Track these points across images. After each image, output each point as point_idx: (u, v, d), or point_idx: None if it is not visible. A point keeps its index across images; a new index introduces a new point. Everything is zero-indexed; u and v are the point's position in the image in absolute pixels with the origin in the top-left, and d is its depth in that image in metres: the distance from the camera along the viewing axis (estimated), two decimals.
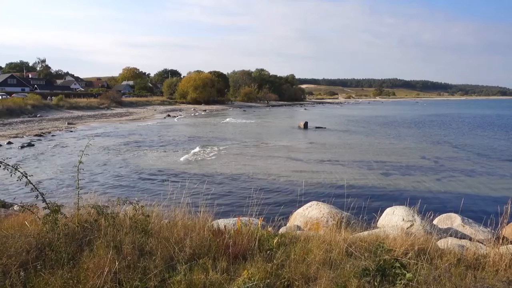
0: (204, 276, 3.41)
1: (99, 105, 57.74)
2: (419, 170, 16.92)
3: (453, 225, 7.30)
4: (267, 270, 3.56)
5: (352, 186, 13.34)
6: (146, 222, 4.31)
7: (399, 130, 37.26)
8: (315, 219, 7.08)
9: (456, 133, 34.10)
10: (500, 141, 28.55)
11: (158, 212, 4.95)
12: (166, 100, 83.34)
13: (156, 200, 5.74)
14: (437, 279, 3.41)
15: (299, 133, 33.67)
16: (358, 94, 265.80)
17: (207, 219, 4.78)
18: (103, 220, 4.20)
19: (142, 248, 3.92)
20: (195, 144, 24.61)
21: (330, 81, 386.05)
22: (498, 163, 18.88)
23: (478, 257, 4.05)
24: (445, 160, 19.63)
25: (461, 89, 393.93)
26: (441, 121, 49.97)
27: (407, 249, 4.08)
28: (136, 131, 32.19)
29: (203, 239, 4.14)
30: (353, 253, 4.04)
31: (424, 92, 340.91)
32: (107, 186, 13.26)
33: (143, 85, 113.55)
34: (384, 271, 3.61)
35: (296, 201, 8.51)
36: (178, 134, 30.64)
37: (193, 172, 15.73)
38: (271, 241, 4.26)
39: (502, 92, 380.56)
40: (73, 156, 18.65)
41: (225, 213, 8.05)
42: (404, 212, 7.00)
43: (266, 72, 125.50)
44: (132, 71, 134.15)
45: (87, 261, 3.53)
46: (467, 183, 14.60)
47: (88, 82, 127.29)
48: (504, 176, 15.89)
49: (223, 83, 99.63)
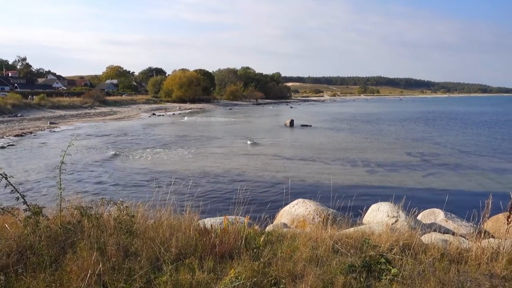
0: (190, 276, 3.38)
1: (82, 104, 56.68)
2: (403, 166, 17.20)
3: (437, 220, 7.44)
4: (254, 268, 3.55)
5: (338, 183, 13.46)
6: (131, 223, 4.24)
7: (384, 127, 37.78)
8: (301, 216, 7.12)
9: (439, 130, 34.77)
10: (481, 137, 29.25)
11: (143, 212, 4.88)
12: (151, 99, 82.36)
13: (141, 200, 5.66)
14: (422, 273, 3.46)
15: (285, 131, 33.78)
16: (343, 92, 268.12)
17: (193, 219, 4.73)
18: (87, 222, 4.11)
19: (127, 249, 3.85)
20: (181, 143, 24.43)
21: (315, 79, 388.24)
22: (479, 159, 19.34)
23: (461, 251, 4.13)
24: (429, 156, 19.99)
25: (444, 86, 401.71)
26: (425, 118, 50.86)
27: (392, 244, 4.13)
28: (120, 131, 31.74)
29: (189, 238, 4.10)
30: (339, 250, 4.06)
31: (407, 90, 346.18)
32: (90, 187, 13.05)
33: (128, 83, 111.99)
34: (370, 267, 3.65)
35: (282, 199, 8.54)
36: (163, 133, 30.35)
37: (179, 171, 15.61)
38: (257, 240, 4.25)
39: (482, 89, 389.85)
40: (56, 156, 18.28)
41: (212, 212, 8.01)
42: (389, 208, 7.10)
43: (252, 70, 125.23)
44: (116, 69, 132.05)
45: (70, 263, 3.45)
46: (450, 178, 14.91)
47: (71, 81, 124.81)
48: (485, 171, 16.28)
49: (209, 81, 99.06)
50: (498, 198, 5.29)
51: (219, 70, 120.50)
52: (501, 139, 27.81)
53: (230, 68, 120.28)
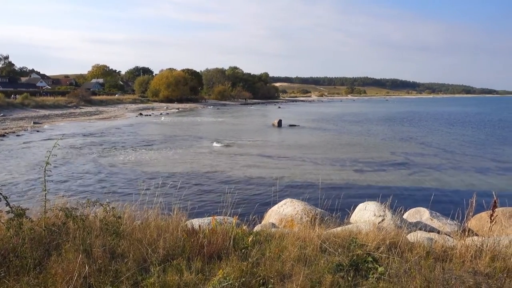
0: (178, 277, 3.35)
1: (67, 104, 55.73)
2: (390, 166, 17.42)
3: (422, 219, 7.56)
4: (242, 268, 3.55)
5: (325, 182, 13.55)
6: (118, 224, 4.19)
7: (371, 127, 38.19)
8: (289, 216, 7.14)
9: (425, 130, 35.33)
10: (465, 137, 29.83)
11: (130, 213, 4.83)
12: (138, 99, 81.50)
13: (128, 201, 5.60)
14: (408, 272, 3.50)
15: (273, 131, 33.85)
16: (330, 92, 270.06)
17: (181, 219, 4.70)
18: (72, 223, 4.04)
19: (113, 250, 3.81)
20: (168, 143, 24.25)
21: (303, 79, 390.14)
22: (463, 158, 19.72)
23: (446, 249, 4.20)
24: (414, 156, 20.30)
25: (429, 87, 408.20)
26: (411, 118, 51.62)
27: (379, 243, 4.18)
28: (106, 131, 31.34)
29: (177, 239, 4.07)
30: (327, 249, 4.09)
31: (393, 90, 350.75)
32: (76, 188, 12.84)
33: (114, 83, 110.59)
34: (357, 266, 3.68)
35: (270, 199, 8.55)
36: (150, 133, 30.08)
37: (166, 172, 15.49)
38: (246, 240, 4.24)
39: (466, 90, 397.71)
40: (40, 156, 17.93)
41: (200, 213, 7.97)
42: (376, 207, 7.18)
43: (240, 70, 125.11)
44: (102, 68, 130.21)
45: (55, 266, 3.38)
46: (435, 177, 15.16)
47: (55, 80, 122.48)
48: (468, 171, 16.61)
49: (197, 81, 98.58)
50: (481, 196, 5.40)
51: (207, 70, 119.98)
52: (485, 139, 28.42)
53: (218, 68, 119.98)
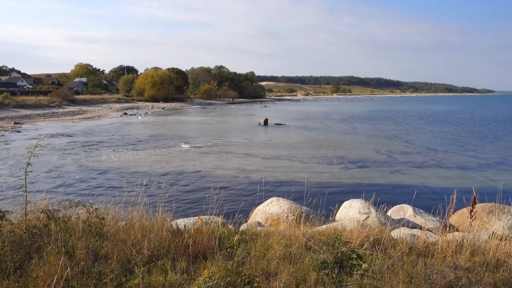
0: (163, 278, 3.33)
1: (49, 103, 54.56)
2: (374, 164, 17.65)
3: (406, 216, 7.69)
4: (227, 268, 3.55)
5: (311, 181, 13.64)
6: (101, 225, 4.14)
7: (356, 125, 38.61)
8: (275, 215, 7.16)
9: (409, 128, 35.91)
10: (447, 134, 30.45)
11: (114, 214, 4.77)
12: (122, 98, 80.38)
13: (112, 201, 5.53)
14: (391, 267, 3.56)
15: (259, 130, 33.88)
16: (316, 91, 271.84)
17: (165, 219, 4.67)
18: (54, 225, 3.98)
19: (97, 252, 3.76)
20: (153, 142, 24.02)
21: (289, 78, 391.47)
22: (445, 156, 20.13)
23: (428, 245, 4.29)
24: (398, 154, 20.62)
25: (412, 86, 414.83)
26: (395, 117, 52.38)
27: (363, 240, 4.23)
28: (90, 130, 30.83)
29: (162, 240, 4.04)
30: (312, 247, 4.12)
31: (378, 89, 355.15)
32: (58, 189, 12.60)
33: (98, 82, 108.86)
34: (342, 263, 3.73)
35: (256, 198, 8.57)
36: (135, 133, 29.73)
37: (151, 172, 15.35)
38: (231, 239, 4.25)
39: (448, 89, 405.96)
40: (20, 157, 17.52)
41: (185, 213, 7.93)
42: (360, 205, 7.27)
43: (226, 69, 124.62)
44: (85, 67, 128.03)
45: (36, 269, 3.32)
46: (418, 175, 15.43)
47: (37, 79, 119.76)
48: (451, 168, 16.97)
49: (182, 80, 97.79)
50: (463, 193, 5.54)
51: (192, 69, 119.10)
52: (466, 136, 29.07)
53: (204, 67, 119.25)
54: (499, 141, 26.80)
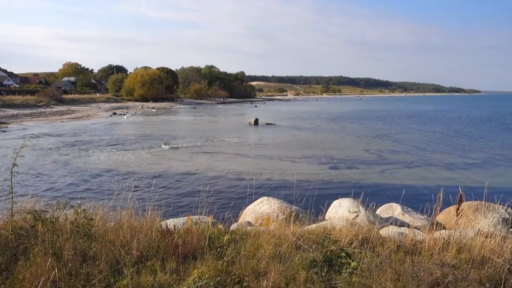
0: (152, 278, 3.32)
1: (37, 103, 53.72)
2: (363, 163, 17.80)
3: (394, 214, 7.77)
4: (217, 267, 3.55)
5: (301, 180, 13.70)
6: (89, 226, 4.09)
7: (345, 125, 38.88)
8: (265, 214, 7.18)
9: (397, 128, 36.30)
10: (435, 134, 30.86)
11: (103, 214, 4.72)
12: (111, 97, 79.59)
13: (101, 202, 5.47)
14: (379, 266, 3.60)
15: (250, 129, 33.89)
16: (306, 91, 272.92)
17: (155, 220, 4.64)
18: (41, 226, 3.92)
19: (85, 253, 3.72)
20: (143, 143, 23.84)
21: (279, 78, 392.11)
22: (433, 155, 20.41)
23: (415, 243, 4.34)
24: (387, 153, 20.83)
25: (400, 86, 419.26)
26: (384, 117, 52.88)
27: (352, 239, 4.27)
28: (79, 130, 30.46)
29: (151, 240, 4.02)
30: (301, 246, 4.14)
31: (367, 89, 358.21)
32: (46, 190, 12.43)
33: (86, 81, 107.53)
34: (331, 261, 3.75)
35: (246, 198, 8.57)
36: (124, 133, 29.47)
37: (141, 172, 15.24)
38: (221, 239, 4.24)
39: (436, 89, 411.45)
40: (6, 158, 17.22)
41: (175, 213, 7.89)
42: (350, 204, 7.33)
43: (216, 69, 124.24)
44: (73, 66, 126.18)
45: (22, 271, 3.27)
46: (407, 174, 15.62)
47: (24, 78, 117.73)
48: (438, 167, 17.21)
49: (172, 80, 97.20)
50: (450, 191, 5.62)
51: (182, 69, 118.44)
52: (453, 136, 29.50)
53: (194, 67, 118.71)
54: (485, 140, 27.28)
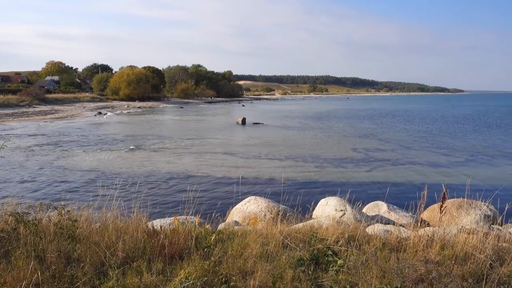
0: (138, 280, 3.28)
1: (18, 103, 52.53)
2: (350, 162, 17.97)
3: (380, 212, 7.87)
4: (204, 267, 3.53)
5: (288, 179, 13.74)
6: (73, 228, 4.03)
7: (332, 124, 39.19)
8: (253, 213, 7.18)
9: (383, 127, 36.76)
10: (420, 133, 31.36)
11: (88, 216, 4.65)
12: (96, 97, 78.42)
13: (85, 203, 5.39)
14: (365, 263, 3.64)
15: (237, 129, 33.85)
16: (293, 90, 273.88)
17: (141, 220, 4.59)
18: (23, 228, 3.84)
19: (69, 255, 3.66)
20: (129, 142, 23.57)
21: (266, 77, 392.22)
22: (418, 153, 20.74)
23: (400, 240, 4.41)
24: (373, 152, 21.08)
25: (386, 85, 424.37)
26: (370, 116, 53.47)
27: (338, 237, 4.31)
28: (62, 130, 29.92)
29: (137, 241, 3.98)
30: (288, 245, 4.16)
31: (353, 89, 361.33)
32: (28, 191, 12.17)
33: (70, 80, 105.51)
34: (318, 260, 3.78)
35: (234, 197, 8.56)
36: (110, 133, 29.07)
37: (126, 172, 15.06)
38: (208, 238, 4.23)
39: (420, 88, 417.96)
40: None
41: (162, 213, 7.83)
42: (337, 202, 7.39)
43: (203, 68, 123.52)
44: (57, 65, 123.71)
45: (4, 274, 3.20)
46: (393, 172, 15.83)
47: (5, 77, 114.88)
48: (423, 165, 17.49)
49: (158, 79, 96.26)
50: (435, 189, 5.71)
51: (169, 68, 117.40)
52: (437, 134, 30.03)
53: (181, 66, 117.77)
54: (467, 138, 27.85)
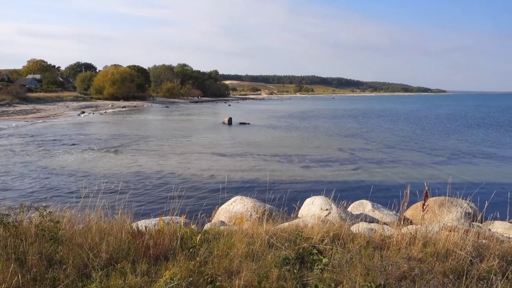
0: (122, 281, 3.24)
1: None
2: (335, 161, 18.14)
3: (365, 211, 7.97)
4: (190, 268, 3.51)
5: (274, 179, 13.80)
6: (56, 229, 3.95)
7: (318, 124, 39.48)
8: (239, 213, 7.18)
9: (368, 126, 37.22)
10: (403, 132, 31.88)
11: (70, 217, 4.57)
12: (80, 96, 77.06)
13: (68, 204, 5.30)
14: (349, 261, 3.68)
15: (223, 129, 33.77)
16: (279, 90, 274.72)
17: (125, 221, 4.54)
18: (3, 230, 3.75)
19: (51, 257, 3.59)
20: (113, 142, 23.25)
21: (253, 77, 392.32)
22: (402, 153, 21.09)
23: (384, 238, 4.47)
24: (358, 151, 21.33)
25: (371, 86, 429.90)
26: (355, 115, 54.07)
27: (324, 236, 4.34)
28: (44, 130, 29.31)
29: (121, 242, 3.93)
30: (274, 244, 4.17)
31: (339, 89, 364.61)
32: (8, 193, 11.88)
33: (53, 79, 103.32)
34: (303, 258, 3.81)
35: (220, 197, 8.54)
36: (93, 133, 28.62)
37: (110, 173, 14.85)
38: (194, 239, 4.21)
39: (404, 89, 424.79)
40: None
41: (147, 214, 7.75)
42: (322, 201, 7.45)
43: (189, 67, 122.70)
44: (38, 63, 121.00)
45: None
46: (377, 171, 16.05)
47: None
48: (406, 164, 17.80)
49: (144, 78, 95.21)
50: (417, 187, 5.82)
51: (154, 67, 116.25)
52: (420, 134, 30.58)
53: (166, 65, 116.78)
54: (449, 137, 28.46)
